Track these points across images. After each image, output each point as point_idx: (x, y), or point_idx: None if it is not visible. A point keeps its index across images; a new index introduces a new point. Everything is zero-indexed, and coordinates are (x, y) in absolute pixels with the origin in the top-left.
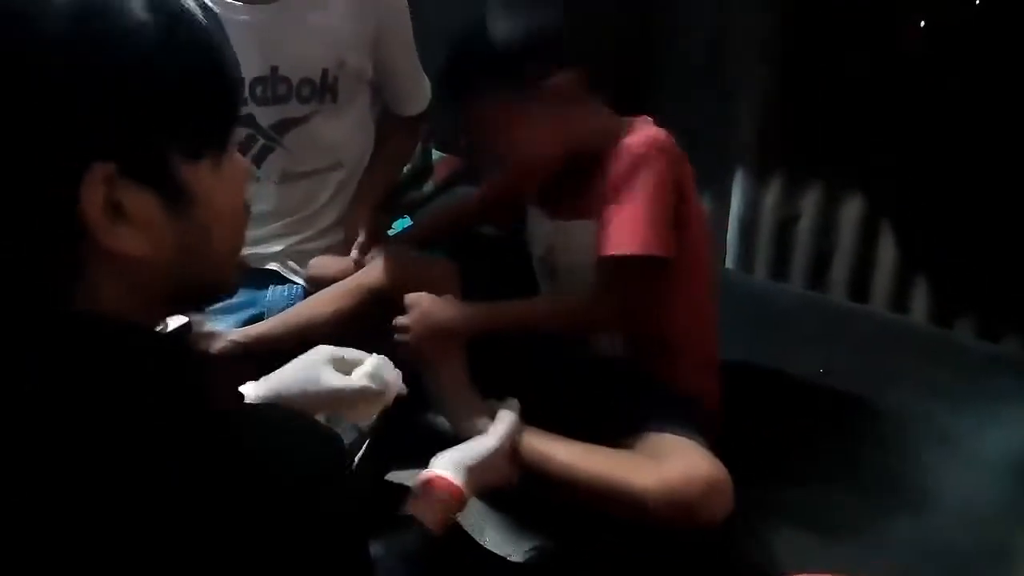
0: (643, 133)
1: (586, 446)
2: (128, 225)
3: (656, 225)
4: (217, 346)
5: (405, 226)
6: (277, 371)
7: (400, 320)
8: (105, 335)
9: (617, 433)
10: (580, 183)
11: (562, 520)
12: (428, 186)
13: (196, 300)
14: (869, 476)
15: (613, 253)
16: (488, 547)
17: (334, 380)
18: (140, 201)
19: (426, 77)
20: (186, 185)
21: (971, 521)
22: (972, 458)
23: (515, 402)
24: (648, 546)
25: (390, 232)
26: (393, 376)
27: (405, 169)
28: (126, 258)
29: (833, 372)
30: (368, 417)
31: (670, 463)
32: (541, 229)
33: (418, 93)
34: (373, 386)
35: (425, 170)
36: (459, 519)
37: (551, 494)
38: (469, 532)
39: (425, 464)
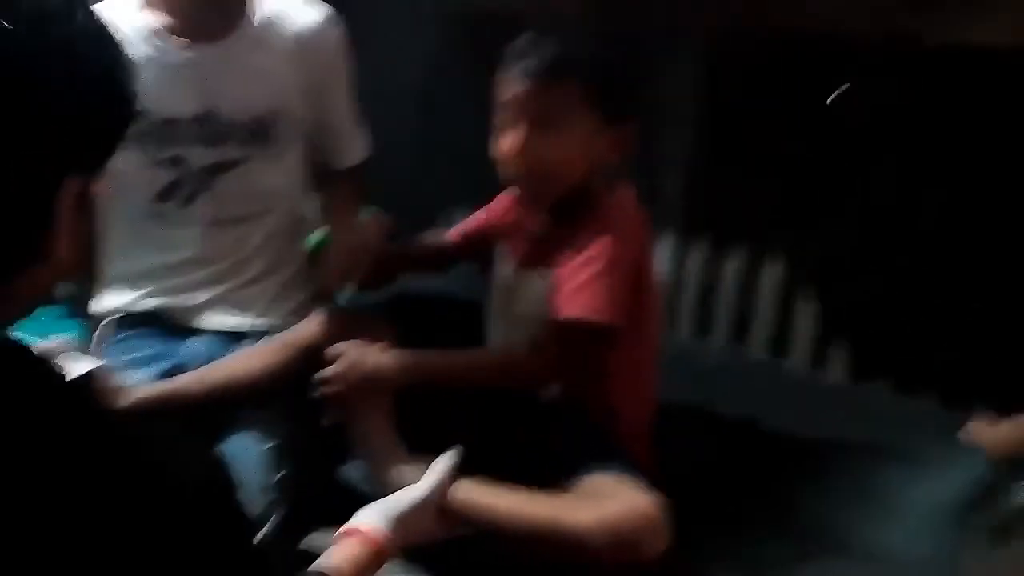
0: (618, 202)
1: (525, 492)
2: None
3: (610, 293)
4: (126, 401)
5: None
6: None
7: (327, 370)
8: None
9: (555, 477)
10: (549, 232)
11: None
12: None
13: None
14: (795, 525)
15: (564, 315)
16: None
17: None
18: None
19: (364, 131)
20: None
21: (894, 571)
22: (894, 510)
23: (454, 453)
24: None
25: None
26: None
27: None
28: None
29: (756, 423)
30: None
31: (608, 501)
32: (503, 273)
33: (355, 144)
34: None
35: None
36: None
37: (492, 544)
38: None
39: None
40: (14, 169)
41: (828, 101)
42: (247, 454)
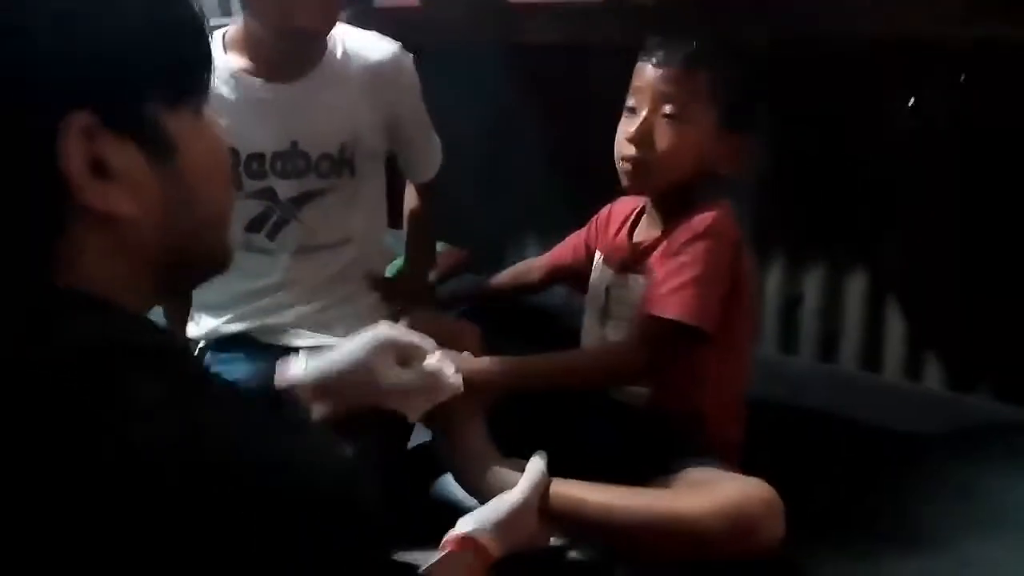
0: (717, 211)
1: (620, 487)
2: (113, 182)
3: (705, 299)
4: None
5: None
6: (329, 353)
7: None
8: (92, 316)
9: (648, 475)
10: (647, 236)
11: None
12: (432, 275)
13: (187, 274)
14: (899, 540)
15: (657, 314)
16: None
17: (390, 375)
18: (123, 155)
19: (438, 141)
20: (168, 135)
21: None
22: (996, 514)
23: (542, 456)
24: None
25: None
26: (452, 375)
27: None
28: (112, 219)
29: (852, 432)
30: (418, 412)
31: (724, 485)
32: (602, 280)
33: (430, 160)
34: (428, 384)
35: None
36: None
37: (590, 542)
38: None
39: (436, 541)
40: None
41: (910, 103)
42: None
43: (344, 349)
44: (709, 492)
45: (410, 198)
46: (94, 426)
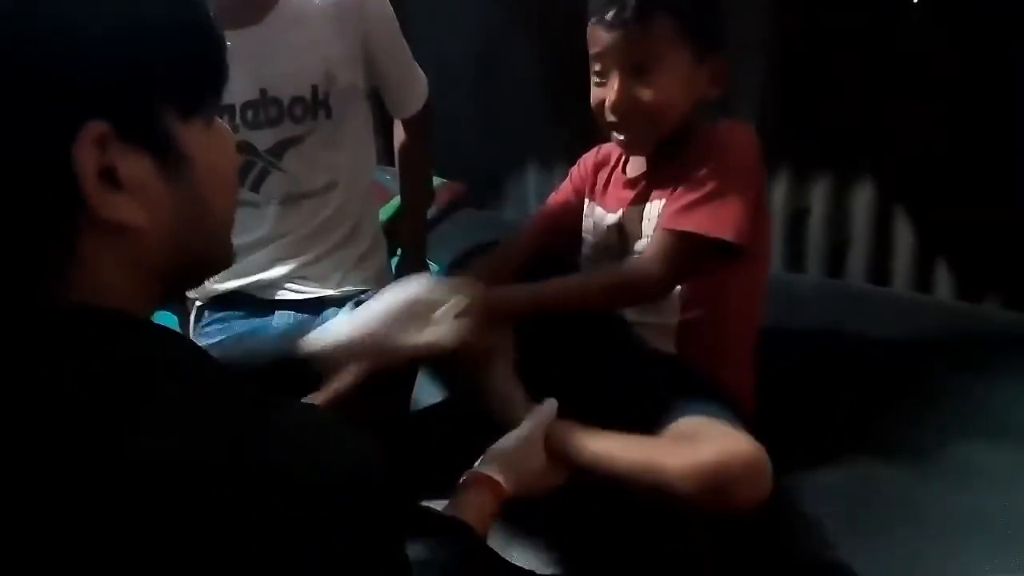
0: (734, 123)
1: (620, 435)
2: (125, 193)
3: (729, 210)
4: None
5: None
6: (347, 321)
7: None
8: (104, 331)
9: (655, 422)
10: (654, 170)
11: (591, 534)
12: (432, 211)
13: (194, 277)
14: (909, 451)
15: (680, 228)
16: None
17: (405, 336)
18: (136, 165)
19: (421, 74)
20: (181, 146)
21: (1016, 491)
22: (1004, 424)
23: (552, 401)
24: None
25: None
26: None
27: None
28: (123, 229)
29: (860, 352)
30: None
31: (704, 446)
32: (604, 221)
33: (413, 94)
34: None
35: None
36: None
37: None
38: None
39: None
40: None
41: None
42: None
43: (361, 316)
44: (690, 451)
45: (398, 134)
46: (121, 442)
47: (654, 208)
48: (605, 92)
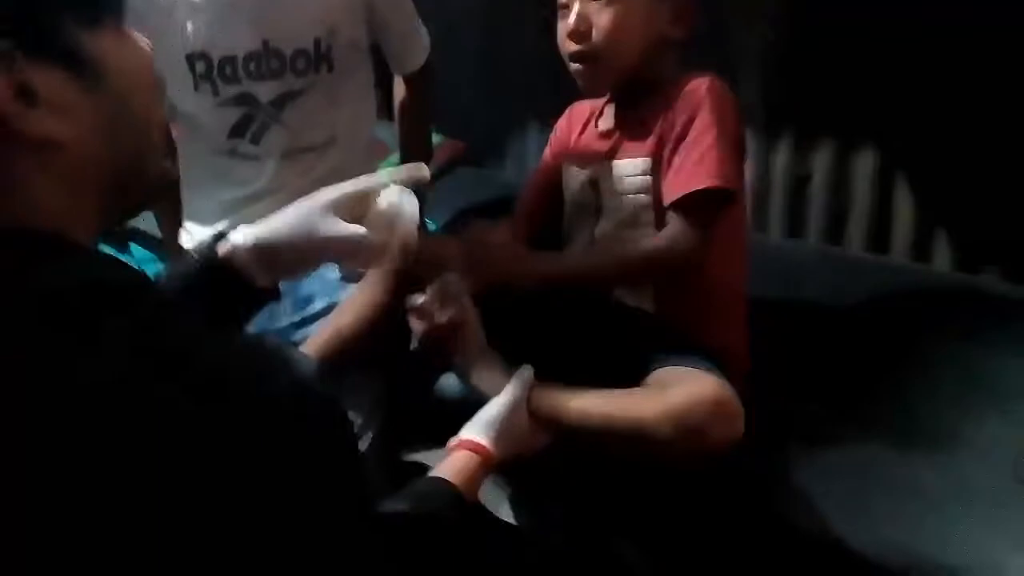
0: (703, 75)
1: (599, 392)
2: (43, 108)
3: (725, 160)
4: None
5: None
6: (271, 219)
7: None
8: (47, 253)
9: (635, 376)
10: (632, 120)
11: (578, 493)
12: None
13: (132, 194)
14: (903, 420)
15: (693, 188)
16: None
17: (332, 228)
18: (49, 79)
19: (424, 30)
20: (92, 56)
21: (1008, 462)
22: (1001, 395)
23: (529, 367)
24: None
25: None
26: (407, 222)
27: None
28: (48, 145)
29: (857, 320)
30: (377, 260)
31: (674, 390)
32: (579, 179)
33: (415, 50)
34: (380, 223)
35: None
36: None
37: (573, 447)
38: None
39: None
40: None
41: None
42: None
43: (286, 214)
44: (661, 396)
45: (399, 91)
46: (67, 366)
47: (626, 166)
48: (564, 24)
